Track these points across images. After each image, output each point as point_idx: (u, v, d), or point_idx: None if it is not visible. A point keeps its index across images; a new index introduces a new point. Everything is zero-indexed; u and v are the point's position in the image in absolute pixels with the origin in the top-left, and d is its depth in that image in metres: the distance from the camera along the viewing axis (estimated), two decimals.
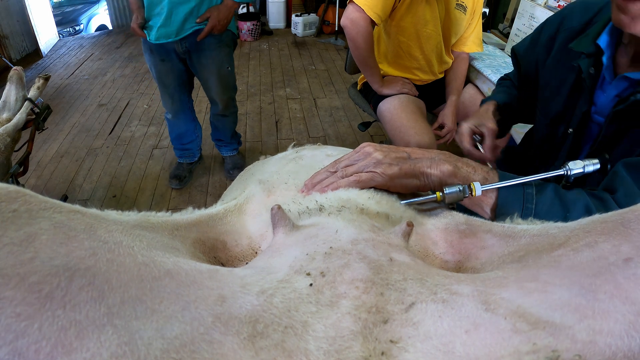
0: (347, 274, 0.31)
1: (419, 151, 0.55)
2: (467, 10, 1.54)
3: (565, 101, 0.78)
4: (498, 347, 0.23)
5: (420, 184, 0.52)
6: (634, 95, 0.63)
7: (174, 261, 0.29)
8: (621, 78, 0.67)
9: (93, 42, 4.83)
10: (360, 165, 0.52)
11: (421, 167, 0.52)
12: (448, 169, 0.51)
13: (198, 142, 2.16)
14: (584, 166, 0.52)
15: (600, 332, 0.23)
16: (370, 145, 0.54)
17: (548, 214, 0.51)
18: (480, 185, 0.49)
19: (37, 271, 0.22)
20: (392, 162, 0.52)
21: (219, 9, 1.64)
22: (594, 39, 0.69)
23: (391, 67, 1.63)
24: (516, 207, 0.51)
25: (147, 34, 1.67)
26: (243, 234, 0.47)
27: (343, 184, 0.51)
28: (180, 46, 1.69)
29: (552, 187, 0.53)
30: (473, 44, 1.62)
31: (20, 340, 0.20)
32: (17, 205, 0.25)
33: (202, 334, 0.23)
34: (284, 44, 4.55)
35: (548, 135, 0.84)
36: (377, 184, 0.51)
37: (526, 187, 0.52)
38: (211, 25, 1.63)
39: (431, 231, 0.47)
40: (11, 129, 1.32)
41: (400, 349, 0.24)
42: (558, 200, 0.52)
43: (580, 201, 0.52)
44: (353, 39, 1.40)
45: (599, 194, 0.54)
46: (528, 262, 0.34)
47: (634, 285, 0.25)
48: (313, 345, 0.24)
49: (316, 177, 0.53)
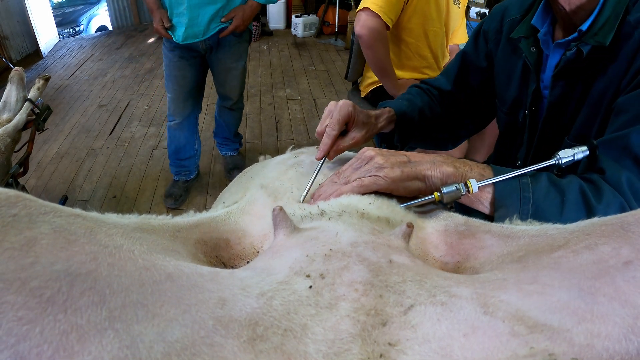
0: (347, 276, 0.31)
1: (418, 154, 0.56)
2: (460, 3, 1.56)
3: (518, 87, 0.81)
4: (496, 350, 0.23)
5: (422, 186, 0.53)
6: (565, 55, 0.67)
7: (175, 264, 0.29)
8: (556, 46, 0.71)
9: (93, 43, 4.83)
10: (363, 171, 0.53)
11: (422, 169, 0.53)
12: (448, 169, 0.53)
13: (196, 160, 2.12)
14: (574, 154, 0.53)
15: (598, 336, 0.23)
16: (371, 150, 0.55)
17: (545, 200, 0.53)
18: (476, 182, 0.50)
19: (38, 276, 0.22)
20: (393, 165, 0.53)
21: (244, 9, 1.71)
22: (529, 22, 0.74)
23: (400, 71, 1.63)
24: (514, 197, 0.53)
25: (172, 34, 1.70)
26: (246, 232, 0.47)
27: (346, 189, 0.52)
28: (203, 44, 1.76)
29: (546, 175, 0.55)
30: (462, 35, 1.67)
31: (22, 344, 0.20)
32: (17, 209, 0.25)
33: (202, 337, 0.23)
34: (284, 44, 4.56)
35: (509, 123, 0.87)
36: (379, 188, 0.52)
37: (521, 177, 0.54)
38: (235, 25, 1.70)
39: (431, 234, 0.47)
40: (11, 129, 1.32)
41: (399, 351, 0.25)
42: (553, 186, 0.54)
43: (574, 184, 0.54)
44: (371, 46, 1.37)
45: (589, 177, 0.56)
46: (528, 262, 0.34)
47: (633, 288, 0.25)
48: (312, 348, 0.24)
49: (321, 190, 0.55)
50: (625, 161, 0.55)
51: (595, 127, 0.68)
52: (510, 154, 0.90)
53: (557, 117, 0.74)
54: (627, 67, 0.61)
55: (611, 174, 0.54)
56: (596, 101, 0.67)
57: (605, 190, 0.53)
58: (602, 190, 0.53)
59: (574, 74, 0.69)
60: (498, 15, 0.85)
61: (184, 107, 1.91)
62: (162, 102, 3.15)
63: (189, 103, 1.91)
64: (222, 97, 2.04)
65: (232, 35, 1.76)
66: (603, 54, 0.64)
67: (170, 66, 1.82)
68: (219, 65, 1.87)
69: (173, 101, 1.90)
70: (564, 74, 0.70)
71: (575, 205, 0.53)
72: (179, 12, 1.66)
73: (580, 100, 0.70)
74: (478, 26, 0.91)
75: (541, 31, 0.72)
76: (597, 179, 0.55)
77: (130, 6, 5.78)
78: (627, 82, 0.61)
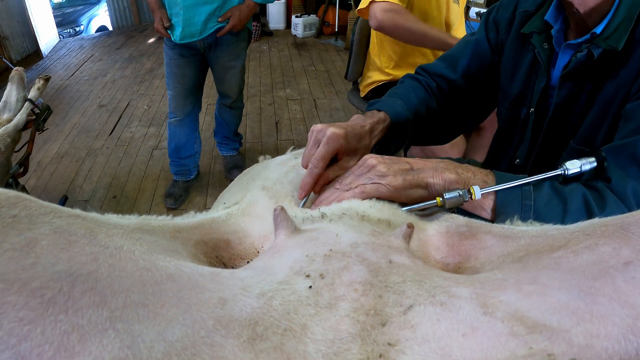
0: (346, 276, 0.31)
1: (420, 161, 0.55)
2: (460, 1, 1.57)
3: (524, 82, 0.79)
4: (495, 351, 0.23)
5: (425, 193, 0.53)
6: (575, 56, 0.66)
7: (176, 264, 0.29)
8: (566, 47, 0.70)
9: (93, 43, 4.84)
10: (365, 178, 0.53)
11: (425, 177, 0.52)
12: (450, 177, 0.52)
13: (196, 159, 2.12)
14: (581, 165, 0.53)
15: (598, 336, 0.23)
16: (373, 157, 0.54)
17: (547, 208, 0.52)
18: (479, 188, 0.50)
19: (39, 276, 0.22)
20: (396, 174, 0.52)
21: (241, 9, 1.72)
22: (543, 17, 0.72)
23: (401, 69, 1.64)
24: (515, 205, 0.52)
25: (171, 33, 1.72)
26: (247, 233, 0.47)
27: (348, 195, 0.51)
28: (202, 42, 1.78)
29: (549, 183, 0.54)
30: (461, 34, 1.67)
31: (23, 344, 0.20)
32: (17, 210, 0.25)
33: (203, 337, 0.23)
34: (284, 45, 4.56)
35: (510, 119, 0.85)
36: (381, 195, 0.52)
37: (523, 185, 0.53)
38: (232, 24, 1.72)
39: (433, 236, 0.47)
40: (11, 129, 1.32)
41: (398, 351, 0.25)
42: (556, 194, 0.53)
43: (577, 192, 0.53)
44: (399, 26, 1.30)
45: (594, 184, 0.55)
46: (528, 262, 0.34)
47: (633, 288, 0.25)
48: (312, 347, 0.24)
49: (323, 196, 0.54)
50: (632, 169, 0.54)
51: (602, 131, 0.66)
52: (507, 151, 0.88)
53: (563, 118, 0.73)
54: (638, 72, 0.61)
55: (617, 183, 0.53)
56: (604, 105, 0.66)
57: (609, 199, 0.52)
58: (605, 199, 0.52)
59: (583, 76, 0.68)
60: (511, 5, 0.82)
61: (185, 105, 1.92)
62: (162, 102, 3.15)
63: (189, 100, 1.93)
64: (221, 95, 2.06)
65: (230, 34, 1.77)
66: (614, 58, 0.63)
67: (171, 64, 1.84)
68: (218, 63, 1.89)
69: (174, 98, 1.91)
70: (573, 75, 0.69)
71: (577, 214, 0.52)
72: (175, 13, 1.68)
73: (588, 103, 0.69)
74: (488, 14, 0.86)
75: (554, 28, 0.71)
76: (602, 187, 0.54)
77: (130, 6, 5.79)
78: (638, 87, 0.60)
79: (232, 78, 1.96)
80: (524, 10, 0.78)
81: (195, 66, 1.87)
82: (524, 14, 0.78)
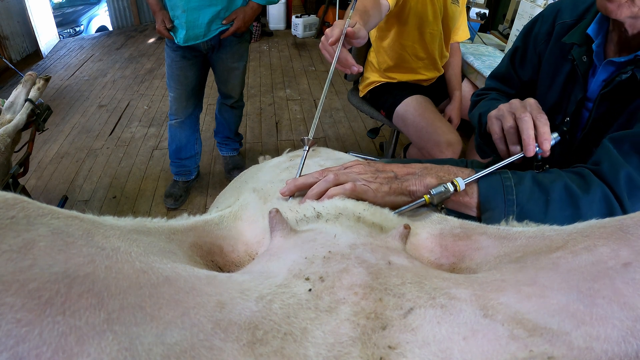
0: (346, 279, 0.31)
1: (404, 169, 0.58)
2: (460, 1, 1.57)
3: (560, 91, 0.81)
4: (495, 353, 0.23)
5: (408, 200, 0.55)
6: (619, 76, 0.67)
7: (172, 267, 0.29)
8: (608, 63, 0.71)
9: (93, 43, 4.83)
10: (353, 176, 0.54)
11: (408, 185, 0.55)
12: (432, 182, 0.54)
13: (196, 160, 2.11)
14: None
15: (597, 338, 0.23)
16: (360, 164, 0.57)
17: (530, 201, 0.54)
18: (462, 179, 0.52)
19: (36, 278, 0.22)
20: (382, 182, 0.54)
21: (245, 11, 1.73)
22: (585, 30, 0.73)
23: (398, 73, 1.65)
24: (499, 200, 0.54)
25: (174, 35, 1.72)
26: (239, 239, 0.47)
27: (338, 191, 0.52)
28: (205, 44, 1.78)
29: (530, 176, 0.57)
30: (463, 33, 1.68)
31: (21, 345, 0.20)
32: (15, 212, 0.25)
33: (201, 340, 0.23)
34: (284, 45, 4.56)
35: None
36: (368, 199, 0.53)
37: (504, 180, 0.56)
38: (236, 27, 1.72)
39: (426, 239, 0.47)
40: (11, 129, 1.32)
41: (399, 354, 0.25)
42: (537, 186, 0.55)
43: (558, 182, 0.55)
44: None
45: (577, 170, 0.58)
46: (526, 263, 0.34)
47: (632, 290, 0.25)
48: (312, 351, 0.24)
49: (300, 181, 0.54)
50: (632, 157, 0.56)
51: None
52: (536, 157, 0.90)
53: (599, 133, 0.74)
54: None
55: (607, 167, 0.55)
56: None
57: (593, 182, 0.55)
58: (590, 183, 0.55)
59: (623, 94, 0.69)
60: (550, 17, 0.84)
61: (186, 106, 1.92)
62: (162, 103, 3.15)
63: (191, 102, 1.93)
64: (223, 95, 2.06)
65: (233, 36, 1.78)
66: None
67: (173, 65, 1.83)
68: (221, 65, 1.89)
69: (175, 100, 1.91)
70: (614, 93, 0.69)
71: (559, 203, 0.54)
72: (177, 15, 1.68)
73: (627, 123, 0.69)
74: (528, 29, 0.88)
75: (595, 42, 0.72)
76: (585, 172, 0.56)
77: (130, 7, 5.78)
78: None
79: (235, 79, 1.97)
80: (562, 21, 0.80)
81: (197, 68, 1.87)
82: (562, 25, 0.80)
